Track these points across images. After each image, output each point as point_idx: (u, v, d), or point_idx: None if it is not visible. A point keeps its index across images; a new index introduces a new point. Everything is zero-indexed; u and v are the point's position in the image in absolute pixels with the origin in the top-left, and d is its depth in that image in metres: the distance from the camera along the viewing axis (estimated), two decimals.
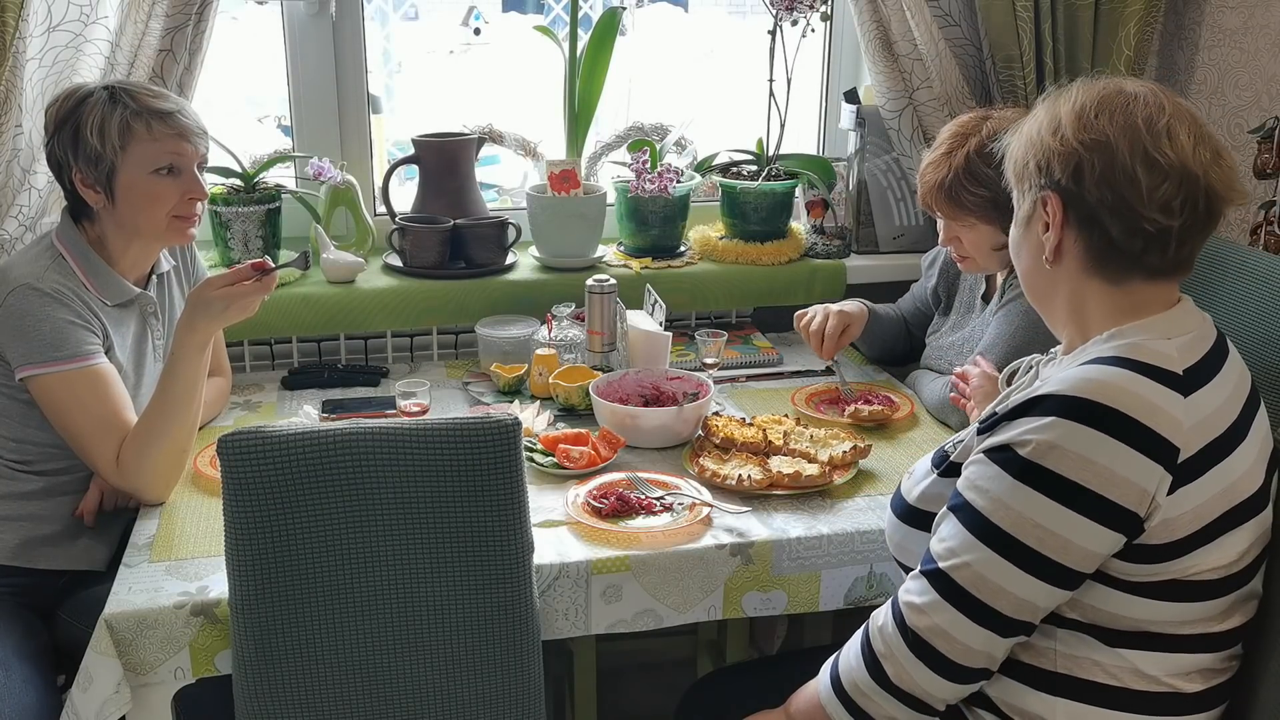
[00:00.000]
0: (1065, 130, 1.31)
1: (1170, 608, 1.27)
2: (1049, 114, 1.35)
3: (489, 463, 1.41)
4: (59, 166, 1.82)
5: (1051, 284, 1.38)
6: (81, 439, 1.74)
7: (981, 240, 1.95)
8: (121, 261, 1.86)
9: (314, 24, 2.40)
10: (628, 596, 1.61)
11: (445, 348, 2.43)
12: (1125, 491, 1.21)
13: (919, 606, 1.29)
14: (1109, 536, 1.23)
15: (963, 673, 1.28)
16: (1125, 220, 1.28)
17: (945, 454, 1.41)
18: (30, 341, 1.72)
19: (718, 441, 1.88)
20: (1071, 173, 1.29)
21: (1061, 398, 1.23)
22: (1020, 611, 1.26)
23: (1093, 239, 1.31)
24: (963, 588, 1.26)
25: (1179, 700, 1.31)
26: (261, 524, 1.40)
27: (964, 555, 1.26)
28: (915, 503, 1.43)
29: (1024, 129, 1.38)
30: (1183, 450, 1.22)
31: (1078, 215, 1.31)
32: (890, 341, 2.31)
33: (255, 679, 1.46)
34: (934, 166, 1.94)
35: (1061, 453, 1.21)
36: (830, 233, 2.61)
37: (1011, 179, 1.40)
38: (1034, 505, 1.23)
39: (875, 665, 1.32)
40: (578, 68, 2.42)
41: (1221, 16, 2.52)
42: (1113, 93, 1.32)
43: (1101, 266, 1.32)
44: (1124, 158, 1.27)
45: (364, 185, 2.49)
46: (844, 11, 2.53)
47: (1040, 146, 1.33)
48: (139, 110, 1.78)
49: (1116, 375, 1.24)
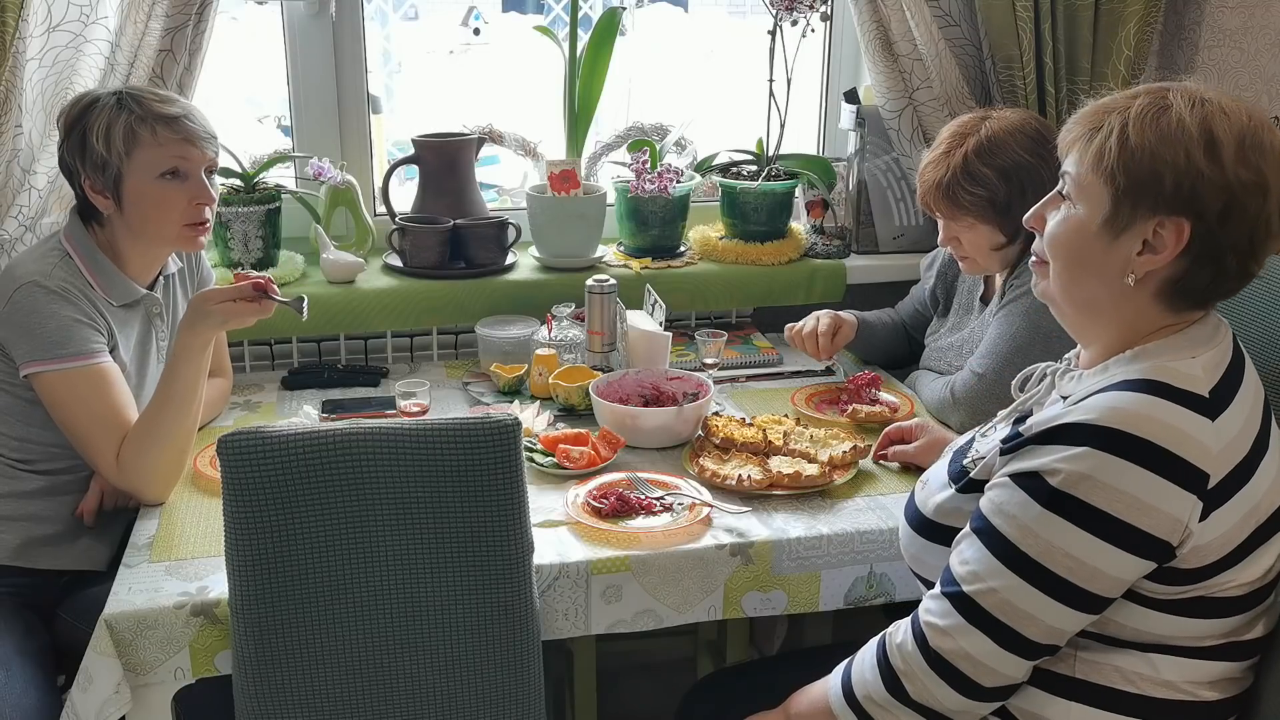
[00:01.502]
0: (1225, 158, 1.19)
1: (1195, 624, 1.26)
2: (1199, 130, 1.20)
3: (489, 463, 1.41)
4: (70, 172, 1.82)
5: (1112, 300, 1.28)
6: (83, 437, 1.74)
7: (980, 240, 1.94)
8: (131, 264, 1.87)
9: (314, 24, 2.40)
10: (628, 596, 1.61)
11: (445, 348, 2.43)
12: (1157, 521, 1.19)
13: (942, 629, 1.28)
14: (1139, 564, 1.22)
15: (986, 693, 1.28)
16: (1244, 263, 1.23)
17: (963, 469, 1.39)
18: (35, 338, 1.72)
19: (718, 441, 1.88)
20: (1221, 209, 1.20)
21: (1092, 427, 1.21)
22: (1049, 637, 1.25)
23: (1196, 274, 1.24)
24: (989, 612, 1.25)
25: (1198, 709, 1.30)
26: (261, 524, 1.40)
27: (990, 580, 1.25)
28: (932, 516, 1.41)
29: (1147, 132, 1.22)
30: (1212, 476, 1.21)
31: (1200, 250, 1.22)
32: (886, 346, 2.31)
33: (255, 679, 1.46)
34: (933, 166, 1.94)
35: (1093, 483, 1.19)
36: (830, 233, 2.61)
37: (1104, 179, 1.24)
38: (1064, 535, 1.21)
39: (894, 682, 1.31)
40: (578, 68, 2.42)
41: (1221, 16, 2.52)
42: (1261, 120, 1.22)
43: (1181, 297, 1.26)
44: (1273, 203, 1.21)
45: (364, 185, 2.49)
46: (844, 11, 2.53)
47: (1187, 169, 1.20)
48: (144, 115, 1.78)
49: (1146, 404, 1.21)
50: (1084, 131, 1.28)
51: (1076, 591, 1.22)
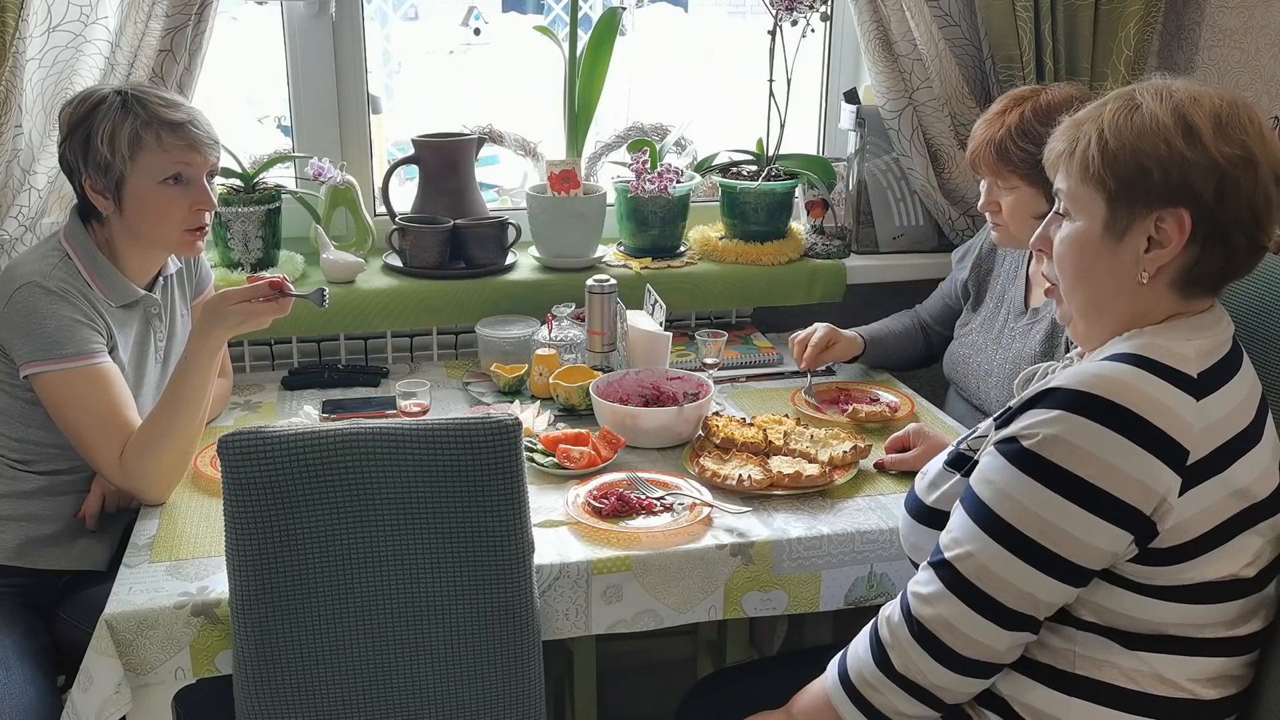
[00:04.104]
0: (1206, 139, 1.20)
1: (1187, 610, 1.27)
2: (1174, 119, 1.21)
3: (489, 463, 1.41)
4: (70, 170, 1.82)
5: (1130, 302, 1.29)
6: (83, 437, 1.74)
7: (1022, 206, 1.92)
8: (129, 265, 1.87)
9: (314, 24, 2.40)
10: (628, 596, 1.61)
11: (445, 348, 2.43)
12: (1129, 489, 1.20)
13: (924, 596, 1.29)
14: (1112, 533, 1.22)
15: (967, 665, 1.28)
16: (1251, 239, 1.23)
17: (962, 455, 1.40)
18: (35, 339, 1.72)
19: (718, 441, 1.88)
20: (1215, 189, 1.20)
21: (1069, 391, 1.22)
22: (1021, 604, 1.25)
23: (1208, 259, 1.24)
24: (966, 578, 1.26)
25: (1197, 706, 1.30)
26: (261, 524, 1.40)
27: (967, 545, 1.26)
28: (932, 503, 1.42)
29: (1123, 133, 1.23)
30: (1192, 452, 1.21)
31: (1206, 234, 1.22)
32: (899, 355, 2.31)
33: (255, 679, 1.46)
34: (986, 124, 1.94)
35: (1065, 446, 1.21)
36: (830, 233, 2.61)
37: (1094, 187, 1.26)
38: (1035, 497, 1.22)
39: (882, 655, 1.32)
40: (578, 68, 2.42)
41: (1221, 16, 2.52)
42: (1234, 99, 1.23)
43: (1195, 284, 1.26)
44: (1265, 173, 1.21)
45: (364, 185, 2.49)
46: (844, 11, 2.53)
47: (1171, 158, 1.21)
48: (149, 120, 1.77)
49: (1127, 372, 1.23)
50: (1065, 147, 1.30)
51: (1050, 557, 1.22)
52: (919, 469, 1.65)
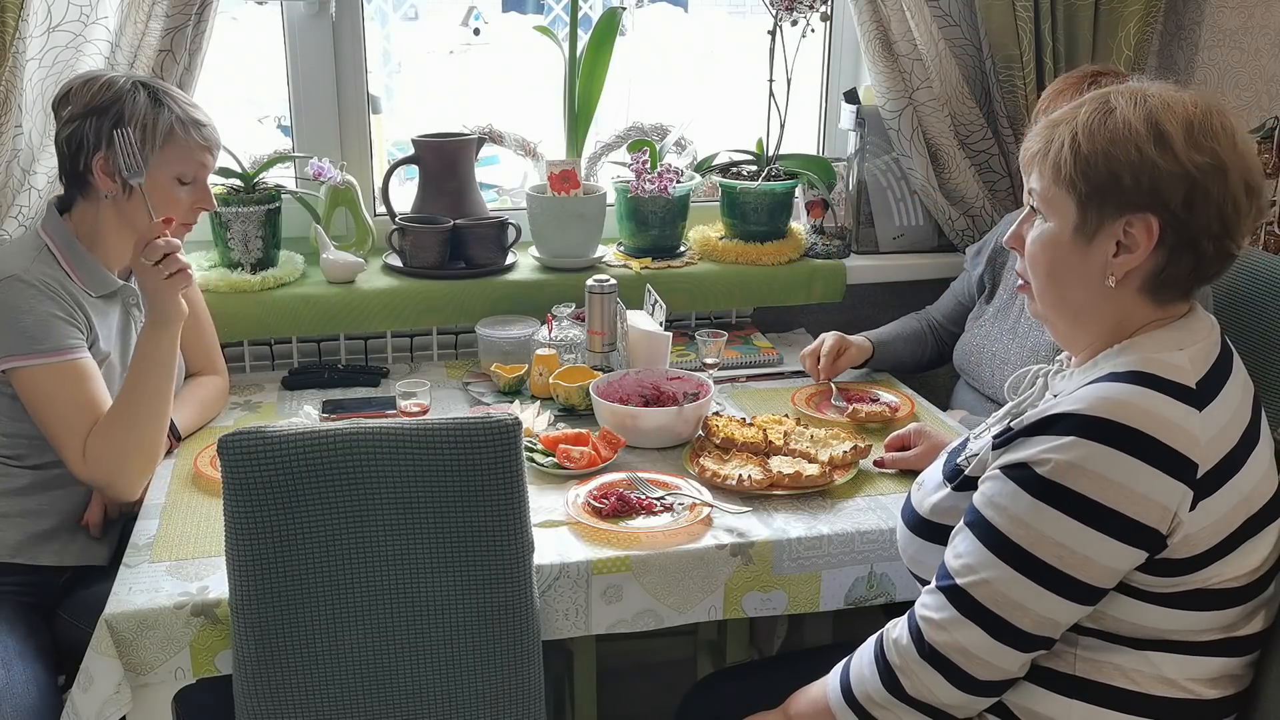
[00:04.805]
0: (1177, 147, 1.21)
1: (1191, 616, 1.27)
2: (1146, 125, 1.22)
3: (489, 463, 1.41)
4: (79, 148, 1.80)
5: (1098, 304, 1.30)
6: (55, 432, 1.74)
7: None
8: (108, 252, 1.87)
9: (314, 24, 2.40)
10: (628, 596, 1.61)
11: (445, 348, 2.43)
12: (1146, 509, 1.20)
13: (937, 622, 1.28)
14: (1129, 553, 1.22)
15: (982, 686, 1.28)
16: (1220, 245, 1.24)
17: (958, 468, 1.40)
18: (13, 333, 1.73)
19: (718, 441, 1.88)
20: (1184, 197, 1.21)
21: (1079, 416, 1.22)
22: (1041, 628, 1.25)
23: (1175, 264, 1.25)
24: (982, 604, 1.26)
25: (1198, 707, 1.30)
26: (261, 524, 1.40)
27: (983, 572, 1.26)
28: (929, 516, 1.42)
29: (1096, 137, 1.24)
30: (1201, 465, 1.21)
31: (1175, 241, 1.23)
32: (909, 357, 2.31)
33: (255, 679, 1.46)
34: None
35: (1081, 472, 1.20)
36: (830, 233, 2.61)
37: (1065, 189, 1.27)
38: (1054, 524, 1.22)
39: (892, 679, 1.32)
40: (578, 68, 2.42)
41: (1221, 16, 2.52)
42: (1209, 105, 1.23)
43: (1164, 288, 1.27)
44: (1235, 182, 1.21)
45: (364, 185, 2.49)
46: (844, 11, 2.53)
47: (1141, 164, 1.22)
48: (182, 117, 1.82)
49: (1132, 393, 1.23)
50: (1039, 147, 1.31)
51: (1068, 581, 1.22)
52: (919, 468, 1.66)
